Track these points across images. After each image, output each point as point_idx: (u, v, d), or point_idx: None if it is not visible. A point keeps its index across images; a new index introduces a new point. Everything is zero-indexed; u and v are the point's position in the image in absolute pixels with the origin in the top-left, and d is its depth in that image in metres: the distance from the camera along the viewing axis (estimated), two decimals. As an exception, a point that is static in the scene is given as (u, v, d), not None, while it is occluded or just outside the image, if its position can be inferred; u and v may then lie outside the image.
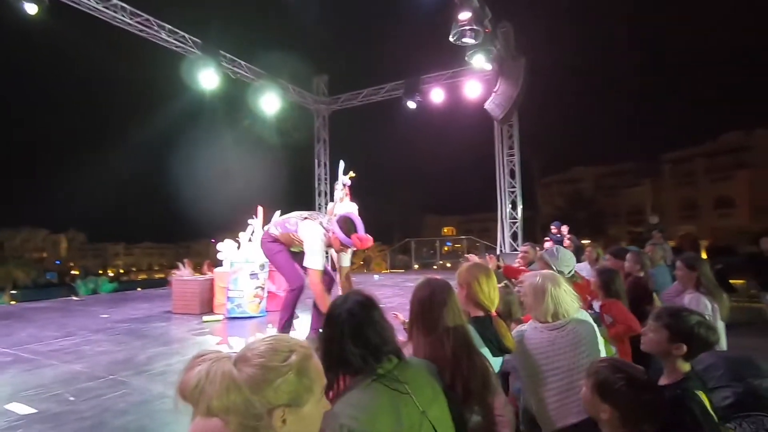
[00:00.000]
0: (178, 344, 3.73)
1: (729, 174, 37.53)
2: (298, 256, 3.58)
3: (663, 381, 1.71)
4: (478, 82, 10.33)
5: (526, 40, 9.92)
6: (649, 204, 42.15)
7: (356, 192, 6.21)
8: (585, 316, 2.25)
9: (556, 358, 1.97)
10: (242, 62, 10.39)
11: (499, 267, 4.95)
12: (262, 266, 5.15)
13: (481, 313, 2.09)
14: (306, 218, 3.42)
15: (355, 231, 3.16)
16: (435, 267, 17.72)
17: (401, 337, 2.07)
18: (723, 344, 2.74)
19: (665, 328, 1.68)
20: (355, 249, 3.32)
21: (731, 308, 3.05)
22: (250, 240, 5.40)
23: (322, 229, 3.29)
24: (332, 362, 1.24)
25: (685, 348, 1.63)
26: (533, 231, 10.21)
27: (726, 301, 3.04)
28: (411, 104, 11.02)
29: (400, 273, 12.69)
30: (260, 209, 5.56)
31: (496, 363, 2.01)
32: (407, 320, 3.01)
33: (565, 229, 8.63)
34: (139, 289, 10.79)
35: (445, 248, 22.73)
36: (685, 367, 1.69)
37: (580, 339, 2.03)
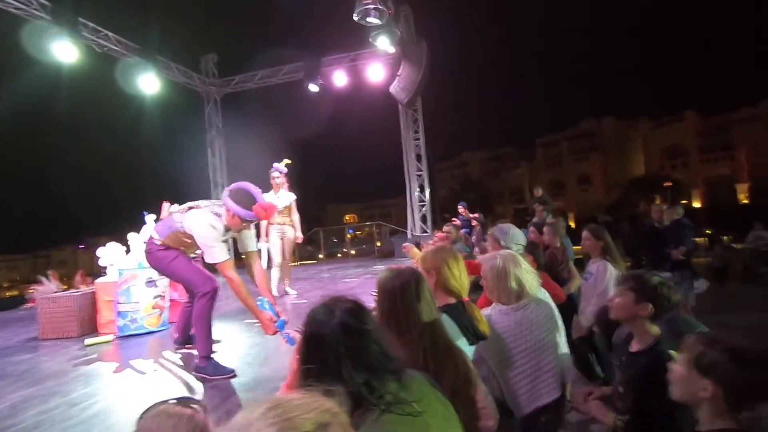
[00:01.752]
0: (55, 381, 2.90)
1: (586, 155, 43.85)
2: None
3: (635, 347, 1.72)
4: (381, 65, 10.21)
5: (425, 24, 10.05)
6: (527, 184, 47.30)
7: (261, 183, 5.64)
8: (544, 292, 2.23)
9: (524, 338, 1.91)
10: (110, 33, 8.78)
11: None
12: (160, 271, 4.36)
13: (452, 300, 1.89)
14: (191, 207, 2.89)
15: (255, 201, 2.71)
16: (339, 255, 17.62)
17: None
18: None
19: (631, 291, 1.69)
20: (258, 221, 2.89)
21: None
22: (144, 242, 4.54)
23: (211, 215, 2.78)
24: None
25: (650, 308, 1.65)
26: (432, 213, 10.63)
27: (623, 265, 3.35)
28: (313, 87, 10.50)
29: (312, 264, 12.23)
30: (166, 205, 4.69)
31: (470, 352, 1.85)
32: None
33: (462, 210, 8.86)
34: (-15, 312, 8.72)
35: (348, 236, 22.86)
36: (654, 329, 1.71)
37: (543, 316, 1.99)
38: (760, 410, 1.28)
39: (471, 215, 8.59)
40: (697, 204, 35.16)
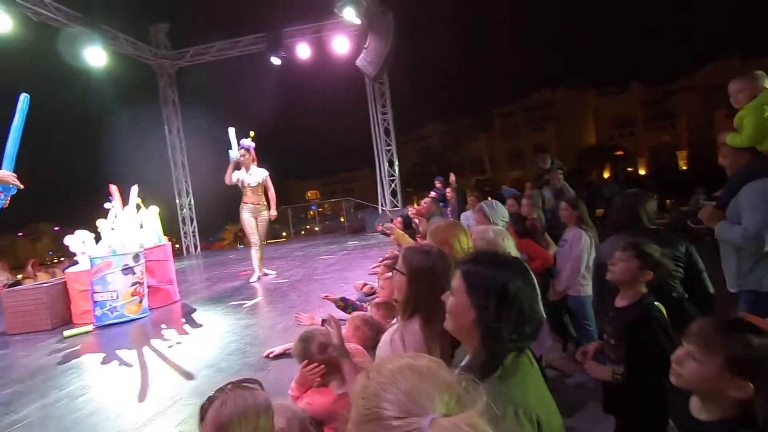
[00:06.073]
0: (44, 375, 2.79)
1: (541, 125, 45.28)
2: None
3: (621, 303, 1.86)
4: (346, 37, 9.94)
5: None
6: (486, 154, 48.35)
7: (223, 162, 5.50)
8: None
9: None
10: (47, 0, 7.97)
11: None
12: (137, 257, 4.21)
13: (461, 273, 2.01)
14: None
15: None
16: (303, 233, 17.56)
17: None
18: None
19: (636, 258, 1.83)
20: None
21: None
22: (113, 228, 4.34)
23: None
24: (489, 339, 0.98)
25: (651, 275, 1.82)
26: (401, 187, 10.74)
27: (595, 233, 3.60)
28: (275, 60, 10.10)
29: (281, 242, 12.10)
30: (114, 189, 4.54)
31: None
32: (339, 299, 2.78)
33: (439, 184, 9.01)
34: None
35: (311, 212, 22.71)
36: (643, 288, 1.88)
37: None
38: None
39: (452, 183, 8.50)
40: (642, 171, 37.46)
